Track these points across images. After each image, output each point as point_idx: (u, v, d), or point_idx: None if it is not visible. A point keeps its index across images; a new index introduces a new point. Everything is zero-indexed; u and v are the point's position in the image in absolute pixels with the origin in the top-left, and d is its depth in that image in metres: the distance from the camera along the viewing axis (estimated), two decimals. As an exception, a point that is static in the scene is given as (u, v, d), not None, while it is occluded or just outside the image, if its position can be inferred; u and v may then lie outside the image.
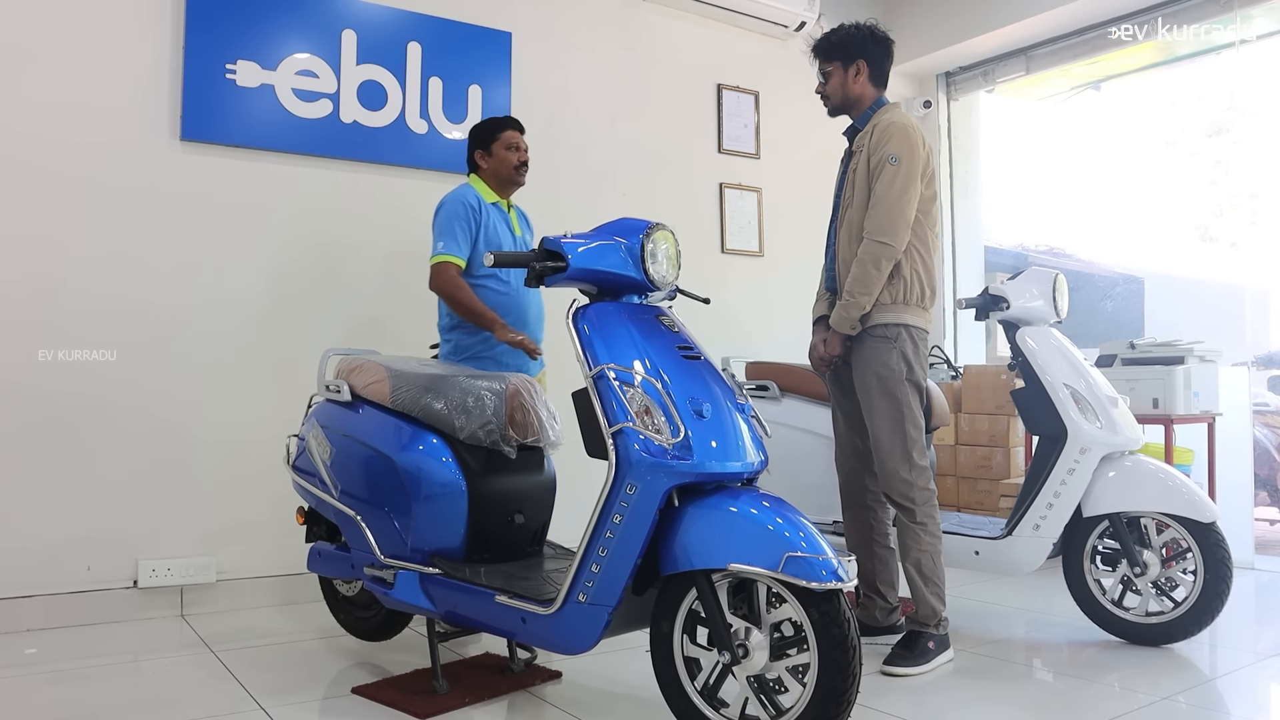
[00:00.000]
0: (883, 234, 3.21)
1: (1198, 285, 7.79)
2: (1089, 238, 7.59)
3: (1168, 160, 8.51)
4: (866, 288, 3.23)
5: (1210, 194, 9.86)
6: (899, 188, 3.22)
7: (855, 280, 3.25)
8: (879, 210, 3.22)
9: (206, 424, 4.09)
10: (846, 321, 3.28)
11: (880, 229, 3.21)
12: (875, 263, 3.21)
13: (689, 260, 5.40)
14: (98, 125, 3.92)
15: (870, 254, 3.22)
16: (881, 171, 3.24)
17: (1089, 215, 7.50)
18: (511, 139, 3.79)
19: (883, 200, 3.22)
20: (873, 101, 3.47)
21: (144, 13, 4.01)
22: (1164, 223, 8.26)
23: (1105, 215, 7.53)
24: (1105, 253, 7.78)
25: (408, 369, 3.13)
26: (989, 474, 5.79)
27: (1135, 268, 8.13)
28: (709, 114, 5.59)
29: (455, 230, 3.61)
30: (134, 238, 3.97)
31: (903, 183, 3.23)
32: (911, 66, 6.37)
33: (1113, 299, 6.91)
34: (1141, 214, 8.19)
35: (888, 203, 3.22)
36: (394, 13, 4.51)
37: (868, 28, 3.49)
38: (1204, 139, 9.81)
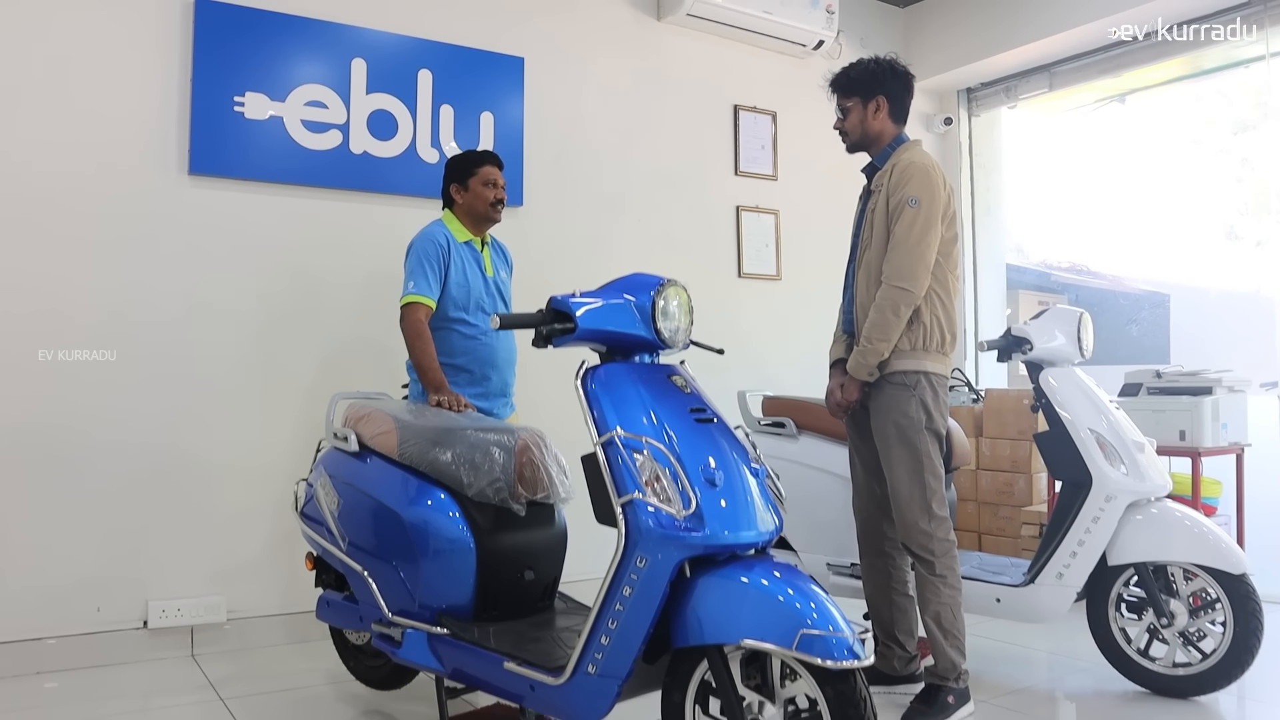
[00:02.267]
0: (902, 279, 3.12)
1: (1225, 298, 7.65)
2: (1113, 253, 7.46)
3: (1193, 159, 8.36)
4: (885, 334, 3.15)
5: (1236, 192, 9.70)
6: (919, 231, 3.14)
7: (873, 326, 3.16)
8: (898, 254, 3.14)
9: (216, 458, 4.04)
10: (864, 368, 3.20)
11: (899, 274, 3.13)
12: (894, 308, 3.13)
13: (705, 285, 5.34)
14: (105, 162, 3.87)
15: (889, 299, 3.14)
16: (901, 214, 3.16)
17: (1113, 230, 7.37)
18: (489, 174, 3.72)
19: (902, 244, 3.14)
20: (892, 138, 3.38)
21: (151, 47, 3.97)
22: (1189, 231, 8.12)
23: (1129, 229, 7.40)
24: (1129, 267, 7.65)
25: (415, 420, 3.07)
26: (1010, 500, 5.69)
27: (1160, 280, 7.99)
28: (725, 135, 5.51)
29: (425, 269, 3.56)
30: (142, 274, 3.93)
31: (922, 226, 3.14)
32: (932, 83, 6.26)
33: (1138, 323, 6.79)
34: (1166, 225, 8.05)
35: (907, 247, 3.13)
36: (404, 40, 4.45)
37: (888, 62, 3.40)
38: (1230, 136, 9.64)
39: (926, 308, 3.19)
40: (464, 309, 3.66)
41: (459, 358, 3.67)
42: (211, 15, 4.03)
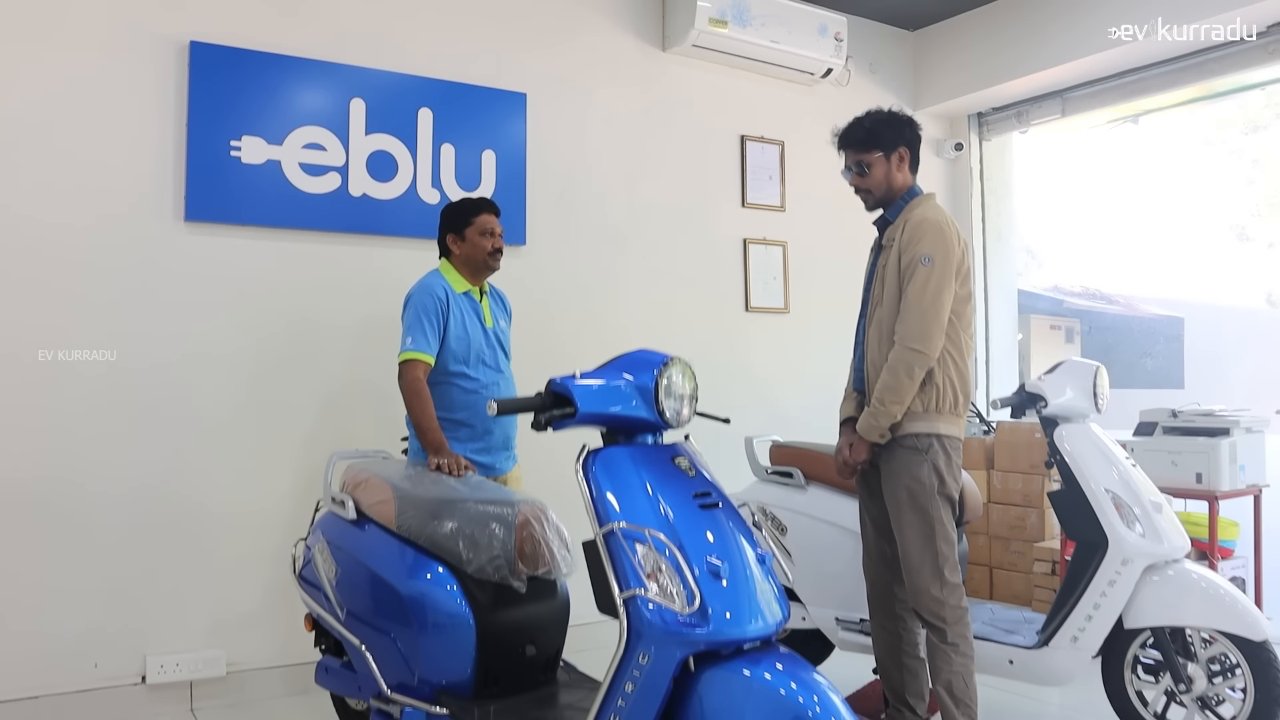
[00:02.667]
0: (915, 340, 3.04)
1: (1238, 315, 7.55)
2: (1126, 276, 7.36)
3: (1204, 160, 8.25)
4: (898, 396, 3.07)
5: (1247, 194, 9.61)
6: (933, 291, 3.05)
7: (885, 388, 3.08)
8: (911, 315, 3.06)
9: (213, 507, 3.98)
10: (875, 430, 3.12)
11: (912, 335, 3.04)
12: (908, 370, 3.05)
13: (712, 320, 5.28)
14: (99, 210, 3.81)
15: (902, 361, 3.05)
16: (914, 273, 3.07)
17: (1126, 252, 7.28)
18: (486, 223, 3.64)
19: (915, 304, 3.05)
20: (906, 191, 3.29)
21: (146, 91, 3.90)
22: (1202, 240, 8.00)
23: (1142, 249, 7.31)
24: (1143, 289, 7.55)
25: (414, 489, 3.00)
26: (1022, 534, 5.60)
27: (1174, 299, 7.89)
28: (732, 167, 5.42)
29: (423, 325, 3.49)
30: (138, 323, 3.86)
31: (936, 285, 3.05)
32: (942, 108, 6.17)
33: (1153, 356, 6.69)
34: (1179, 239, 7.95)
35: (921, 307, 3.05)
36: (404, 79, 4.37)
37: (895, 112, 3.31)
38: (1241, 137, 9.55)
39: (939, 369, 3.11)
40: (464, 362, 3.59)
41: (459, 412, 3.60)
42: (207, 58, 3.95)
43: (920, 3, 5.80)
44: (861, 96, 5.92)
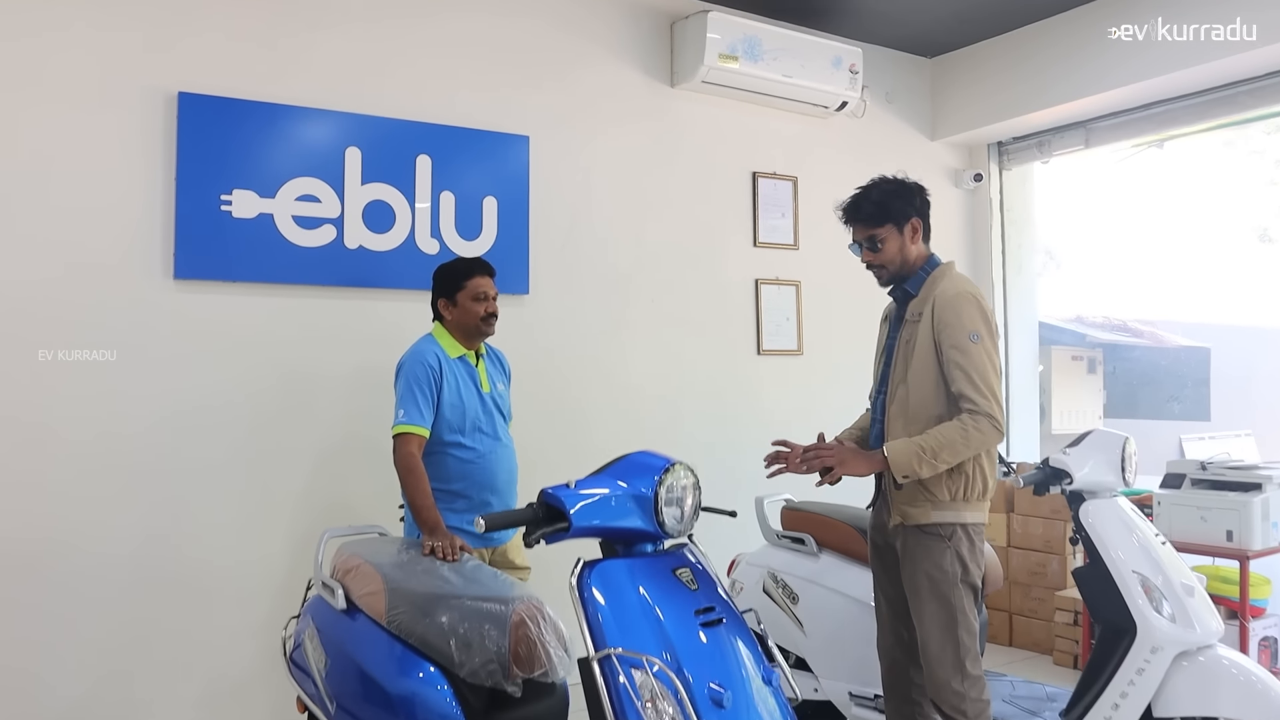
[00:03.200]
0: (999, 421, 2.88)
1: (1265, 337, 7.35)
2: (1150, 302, 7.17)
3: (1226, 161, 8.03)
4: (954, 459, 2.87)
5: (1270, 195, 9.41)
6: (994, 367, 2.91)
7: (950, 445, 2.86)
8: (987, 396, 2.87)
9: (204, 572, 3.84)
10: (912, 470, 2.88)
11: (994, 415, 2.87)
12: (980, 445, 2.88)
13: (723, 365, 5.12)
14: (86, 269, 3.67)
15: (983, 435, 2.86)
16: (970, 353, 2.89)
17: (1150, 280, 7.08)
18: (479, 287, 3.49)
19: (986, 384, 2.88)
20: (924, 261, 3.11)
21: (133, 146, 3.76)
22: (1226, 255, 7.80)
23: (1166, 271, 7.11)
24: (1167, 312, 7.35)
25: (405, 582, 2.85)
26: (1043, 581, 5.44)
27: (1199, 321, 7.68)
28: (744, 205, 5.25)
29: (416, 396, 3.34)
30: (126, 383, 3.73)
31: (991, 361, 2.91)
32: (961, 138, 5.98)
33: (1180, 400, 6.52)
34: (1203, 260, 7.75)
35: (991, 386, 2.89)
36: (401, 125, 4.22)
37: (903, 180, 3.13)
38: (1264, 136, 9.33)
39: (973, 458, 2.94)
40: (459, 431, 3.44)
41: (455, 483, 3.46)
42: (196, 109, 3.81)
43: (937, 30, 5.62)
44: (878, 127, 5.75)
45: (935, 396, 2.97)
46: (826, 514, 3.85)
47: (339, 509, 4.08)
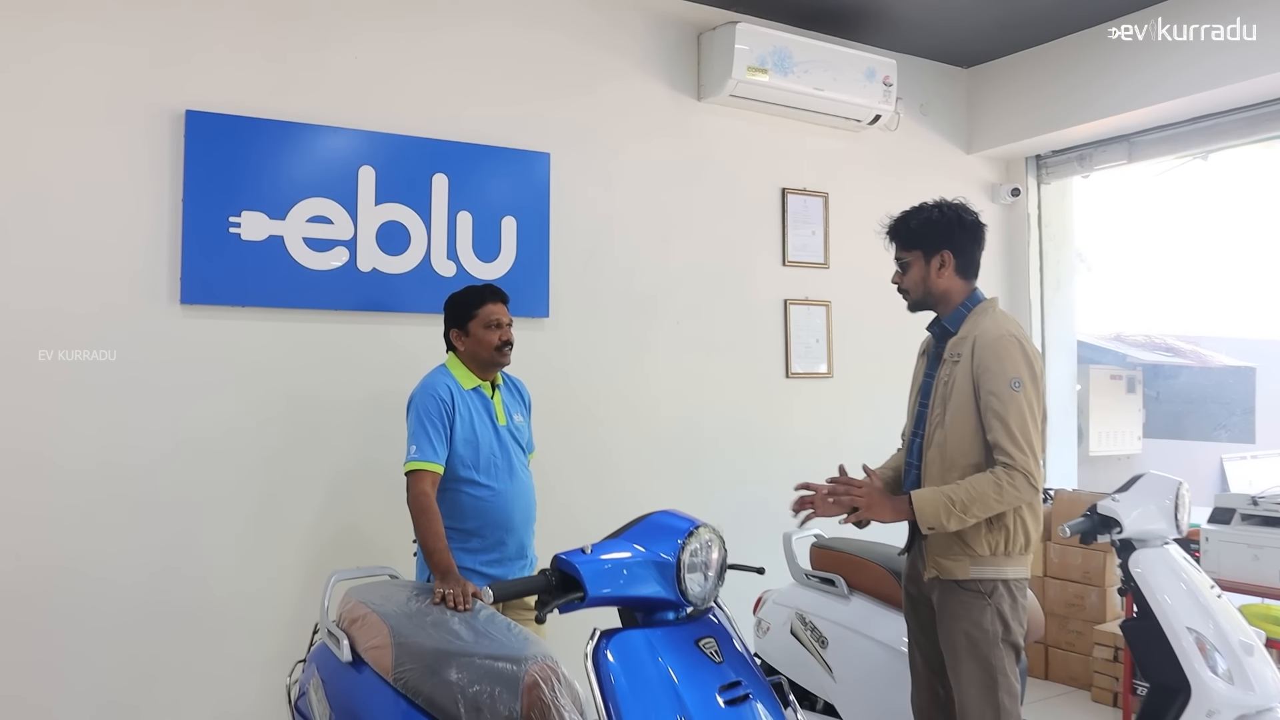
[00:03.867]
0: (1034, 477, 2.70)
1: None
2: (1194, 319, 6.92)
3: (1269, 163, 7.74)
4: (985, 513, 2.71)
5: None
6: (1035, 418, 2.74)
7: (981, 500, 2.69)
8: (1023, 447, 2.70)
9: (212, 604, 3.70)
10: (938, 522, 2.72)
11: (1030, 470, 2.70)
12: (1014, 501, 2.71)
13: (749, 389, 4.94)
14: (90, 294, 3.53)
15: (1017, 491, 2.69)
16: (1010, 399, 2.72)
17: (1194, 296, 6.84)
18: (491, 315, 3.34)
19: (1024, 436, 2.71)
20: (965, 297, 2.93)
21: (139, 166, 3.62)
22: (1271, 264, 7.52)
23: (1210, 291, 6.86)
24: (1210, 328, 7.10)
25: (413, 635, 2.69)
26: (1081, 614, 5.23)
27: (1244, 336, 7.42)
28: (772, 223, 5.07)
29: (428, 431, 3.19)
30: (131, 412, 3.59)
31: (1032, 411, 2.73)
32: (998, 151, 5.77)
33: (1227, 427, 6.28)
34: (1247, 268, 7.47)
35: (1029, 438, 2.71)
36: (416, 143, 4.07)
37: (954, 210, 2.94)
38: None
39: (1013, 510, 2.75)
40: (473, 467, 3.29)
41: (469, 521, 3.30)
42: (203, 128, 3.67)
43: (974, 40, 5.41)
44: (912, 140, 5.55)
45: (974, 444, 2.79)
46: (859, 554, 3.66)
47: (351, 541, 3.94)
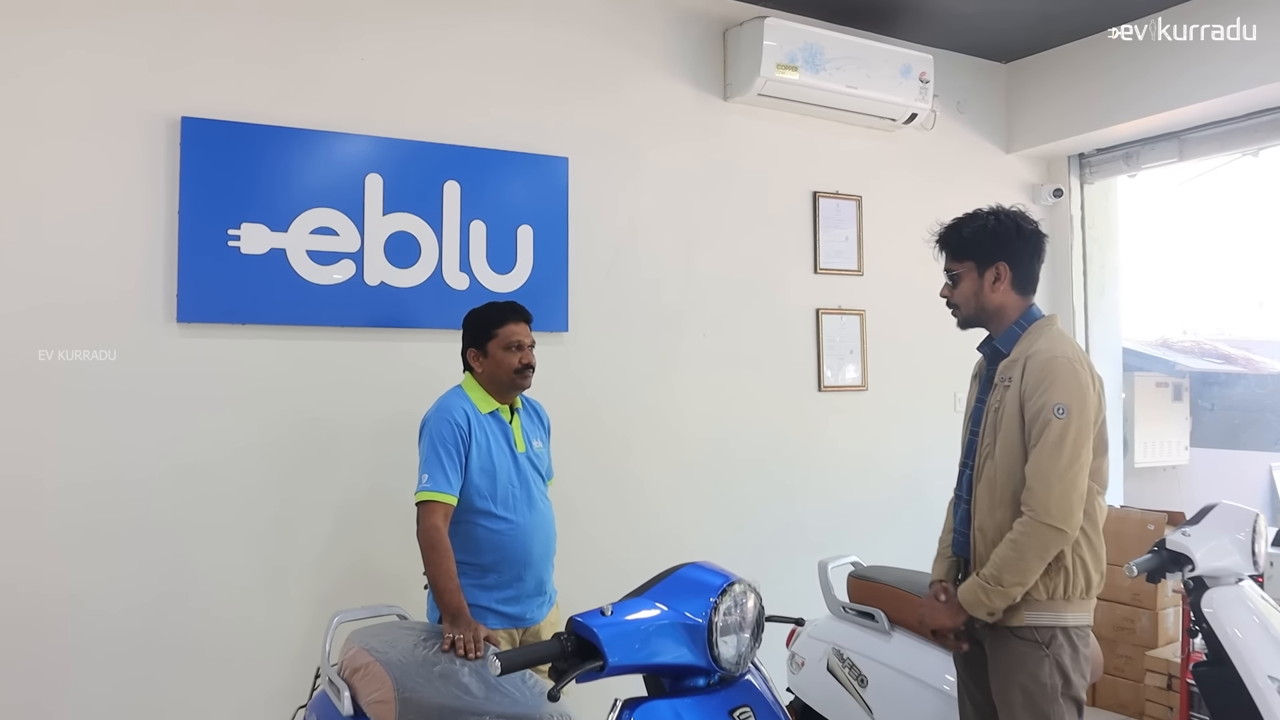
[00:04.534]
0: (1052, 516, 2.43)
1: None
2: (1244, 328, 6.61)
3: None
4: (1022, 577, 2.47)
5: None
6: (1070, 450, 2.45)
7: (1007, 564, 2.47)
8: (1044, 483, 2.45)
9: (212, 640, 3.49)
10: (984, 607, 2.51)
11: (1049, 509, 2.44)
12: (1040, 551, 2.45)
13: (781, 404, 4.69)
14: (81, 313, 3.33)
15: (1035, 539, 2.45)
16: (1046, 428, 2.46)
17: (1244, 300, 6.53)
18: (512, 335, 3.12)
19: (1050, 469, 2.45)
20: (1020, 314, 2.68)
21: (132, 177, 3.41)
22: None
23: (1262, 297, 6.55)
24: (1263, 333, 6.78)
25: (419, 689, 2.46)
26: (1131, 638, 4.95)
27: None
28: (803, 228, 4.81)
29: (441, 459, 2.97)
30: (125, 436, 3.38)
31: (1074, 443, 2.45)
32: (1039, 150, 5.49)
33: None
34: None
35: (1057, 472, 2.44)
36: (427, 149, 3.84)
37: (1012, 218, 2.68)
38: None
39: (1068, 548, 2.49)
40: (489, 498, 3.06)
41: (485, 556, 3.08)
42: (200, 135, 3.46)
43: (1015, 33, 5.14)
44: (949, 140, 5.29)
45: (1024, 478, 2.54)
46: (900, 586, 3.41)
47: (362, 572, 3.72)
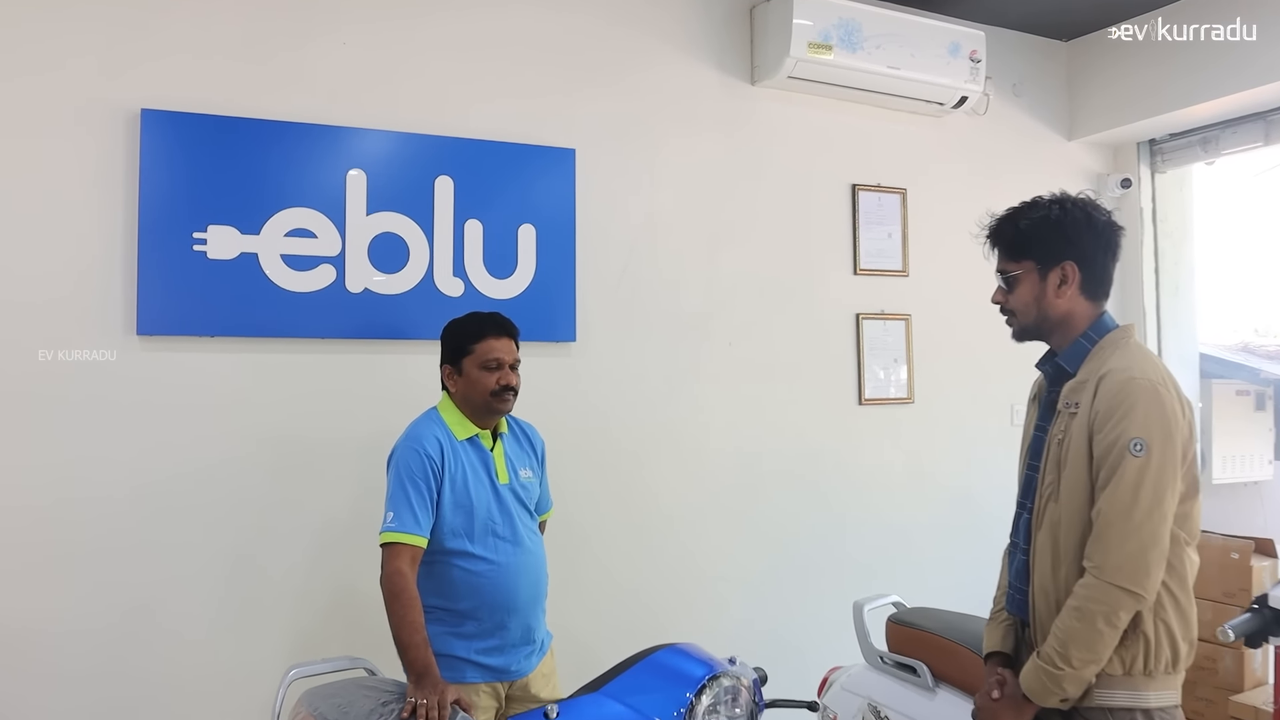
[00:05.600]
0: (1124, 577, 1.97)
1: None
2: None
3: None
4: (1091, 651, 2.01)
5: None
6: (1149, 497, 1.98)
7: (1072, 637, 2.02)
8: (1115, 536, 1.99)
9: (176, 682, 3.16)
10: (1050, 694, 2.06)
11: (1120, 568, 1.98)
12: (1108, 617, 1.99)
13: (816, 419, 4.25)
14: (30, 325, 3.02)
15: (1102, 603, 1.99)
16: (1121, 466, 2.00)
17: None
18: (490, 352, 2.74)
19: (1123, 519, 1.99)
20: (1089, 324, 2.22)
21: (86, 176, 3.09)
22: None
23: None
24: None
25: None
26: (1213, 679, 4.46)
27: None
28: (841, 225, 4.37)
29: (409, 495, 2.60)
30: (80, 460, 3.07)
31: (1155, 488, 1.99)
32: (1105, 136, 4.99)
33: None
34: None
35: (1131, 524, 1.98)
36: (416, 141, 3.48)
37: (1081, 208, 2.23)
38: None
39: (1149, 612, 2.04)
40: (466, 536, 2.69)
41: (461, 601, 2.70)
42: (162, 129, 3.13)
43: (1075, 7, 4.65)
44: (1003, 126, 4.82)
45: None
46: (948, 635, 2.95)
47: (344, 606, 3.37)
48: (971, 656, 2.83)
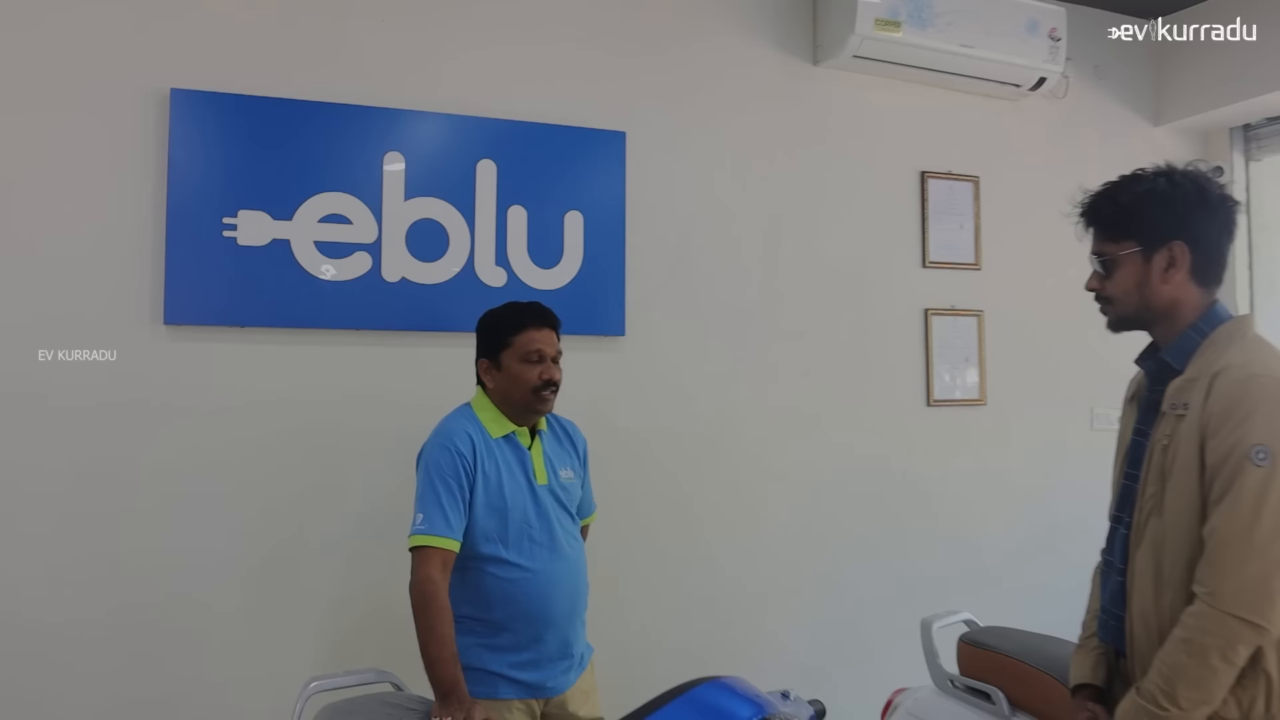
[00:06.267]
0: (1243, 606, 1.71)
1: None
2: None
3: None
4: (1203, 691, 1.74)
5: None
6: (1274, 515, 1.71)
7: (1180, 673, 1.76)
8: (1233, 559, 1.73)
9: (199, 697, 3.02)
10: None
11: (1238, 596, 1.71)
12: (1224, 651, 1.72)
13: (881, 421, 4.01)
14: (54, 315, 2.90)
15: (1215, 636, 1.73)
16: (1239, 478, 1.74)
17: None
18: (531, 343, 2.56)
19: (1242, 539, 1.72)
20: (1198, 315, 1.95)
21: (113, 159, 2.98)
22: None
23: None
24: None
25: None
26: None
27: None
28: (910, 215, 4.11)
29: (440, 496, 2.42)
30: (104, 456, 2.94)
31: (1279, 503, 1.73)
32: (1194, 121, 4.67)
33: None
34: None
35: (1252, 544, 1.71)
36: (456, 123, 3.31)
37: (1193, 180, 1.96)
38: None
39: (1272, 647, 1.76)
40: (499, 541, 2.50)
41: (496, 611, 2.51)
42: (192, 109, 3.00)
43: (1165, -16, 4.36)
44: (1084, 110, 4.52)
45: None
46: (1026, 659, 2.69)
47: (380, 615, 3.20)
48: (1054, 684, 2.57)
